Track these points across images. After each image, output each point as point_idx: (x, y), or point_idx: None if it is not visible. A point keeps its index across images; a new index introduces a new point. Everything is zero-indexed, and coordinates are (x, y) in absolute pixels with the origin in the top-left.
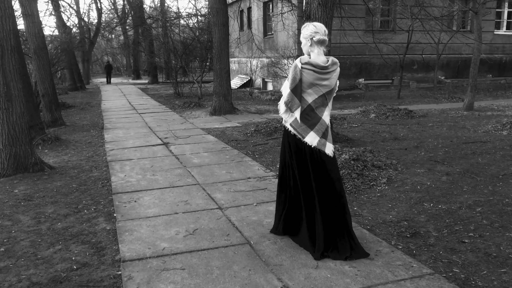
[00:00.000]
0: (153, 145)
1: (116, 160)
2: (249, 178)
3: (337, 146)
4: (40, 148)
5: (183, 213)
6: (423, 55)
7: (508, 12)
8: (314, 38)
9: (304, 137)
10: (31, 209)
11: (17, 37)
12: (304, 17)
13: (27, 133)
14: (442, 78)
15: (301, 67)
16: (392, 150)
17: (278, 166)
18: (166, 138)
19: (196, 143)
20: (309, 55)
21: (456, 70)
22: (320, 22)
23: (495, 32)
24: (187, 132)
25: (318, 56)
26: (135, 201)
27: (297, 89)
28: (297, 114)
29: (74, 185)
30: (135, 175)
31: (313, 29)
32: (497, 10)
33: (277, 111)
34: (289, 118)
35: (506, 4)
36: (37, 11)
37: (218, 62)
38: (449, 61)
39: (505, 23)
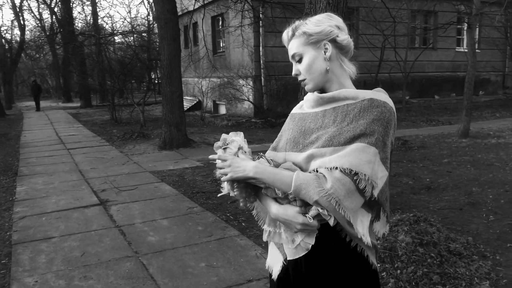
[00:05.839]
0: (85, 207)
1: (26, 240)
2: (250, 280)
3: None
4: None
5: None
6: (390, 74)
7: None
8: (339, 39)
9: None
10: None
11: None
12: None
13: None
14: (407, 98)
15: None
16: (442, 211)
17: None
18: (103, 191)
19: (147, 200)
20: (320, 87)
21: (420, 89)
22: None
23: (456, 49)
24: (132, 179)
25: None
26: None
27: None
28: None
29: None
30: (54, 279)
31: (329, 21)
32: (457, 27)
33: None
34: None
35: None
36: None
37: (168, 84)
38: (413, 80)
39: (465, 40)
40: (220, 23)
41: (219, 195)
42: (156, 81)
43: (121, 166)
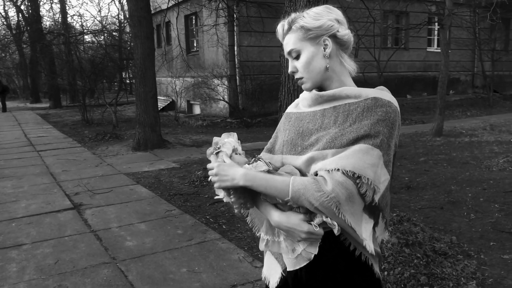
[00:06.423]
0: (58, 211)
1: None
2: (234, 286)
3: None
4: None
5: None
6: (364, 74)
7: (438, 29)
8: (339, 34)
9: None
10: None
11: None
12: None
13: None
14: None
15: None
16: (423, 210)
17: None
18: (77, 194)
19: (123, 203)
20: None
21: (393, 89)
22: None
23: (427, 50)
24: (106, 181)
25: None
26: None
27: None
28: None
29: None
30: None
31: (329, 14)
32: (429, 27)
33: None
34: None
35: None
36: None
37: (142, 84)
38: (386, 80)
39: (435, 40)
40: (194, 22)
41: (215, 197)
42: (128, 81)
43: (94, 168)
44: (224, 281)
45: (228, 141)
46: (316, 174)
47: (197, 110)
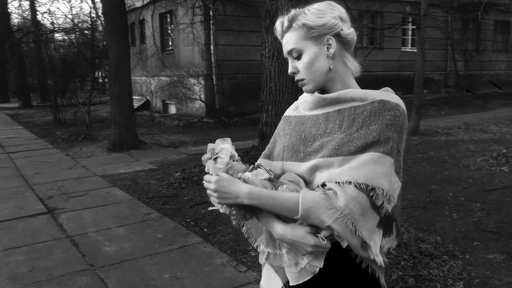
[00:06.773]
0: (31, 216)
1: None
2: None
3: None
4: None
5: None
6: None
7: (412, 29)
8: (343, 33)
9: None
10: None
11: None
12: (267, 19)
13: None
14: None
15: None
16: (406, 210)
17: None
18: (50, 197)
19: (100, 207)
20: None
21: (369, 88)
22: None
23: (402, 49)
24: (81, 184)
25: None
26: None
27: None
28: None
29: None
30: None
31: (332, 12)
32: (403, 27)
33: (197, 143)
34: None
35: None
36: None
37: (117, 84)
38: (362, 80)
39: (410, 40)
40: (169, 20)
41: (209, 208)
42: (101, 80)
43: (68, 170)
44: (208, 286)
45: (225, 147)
46: (323, 185)
47: (172, 109)
